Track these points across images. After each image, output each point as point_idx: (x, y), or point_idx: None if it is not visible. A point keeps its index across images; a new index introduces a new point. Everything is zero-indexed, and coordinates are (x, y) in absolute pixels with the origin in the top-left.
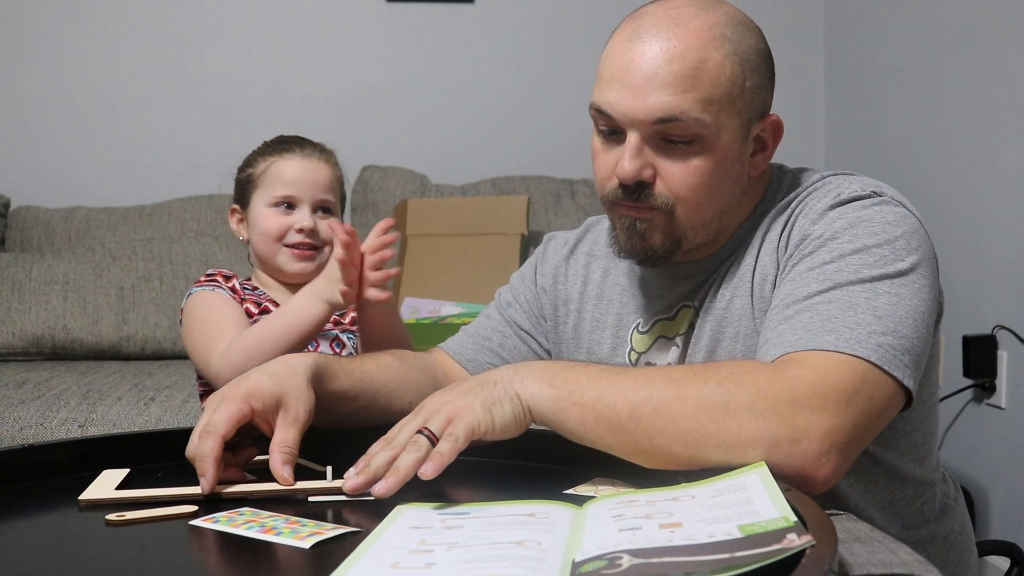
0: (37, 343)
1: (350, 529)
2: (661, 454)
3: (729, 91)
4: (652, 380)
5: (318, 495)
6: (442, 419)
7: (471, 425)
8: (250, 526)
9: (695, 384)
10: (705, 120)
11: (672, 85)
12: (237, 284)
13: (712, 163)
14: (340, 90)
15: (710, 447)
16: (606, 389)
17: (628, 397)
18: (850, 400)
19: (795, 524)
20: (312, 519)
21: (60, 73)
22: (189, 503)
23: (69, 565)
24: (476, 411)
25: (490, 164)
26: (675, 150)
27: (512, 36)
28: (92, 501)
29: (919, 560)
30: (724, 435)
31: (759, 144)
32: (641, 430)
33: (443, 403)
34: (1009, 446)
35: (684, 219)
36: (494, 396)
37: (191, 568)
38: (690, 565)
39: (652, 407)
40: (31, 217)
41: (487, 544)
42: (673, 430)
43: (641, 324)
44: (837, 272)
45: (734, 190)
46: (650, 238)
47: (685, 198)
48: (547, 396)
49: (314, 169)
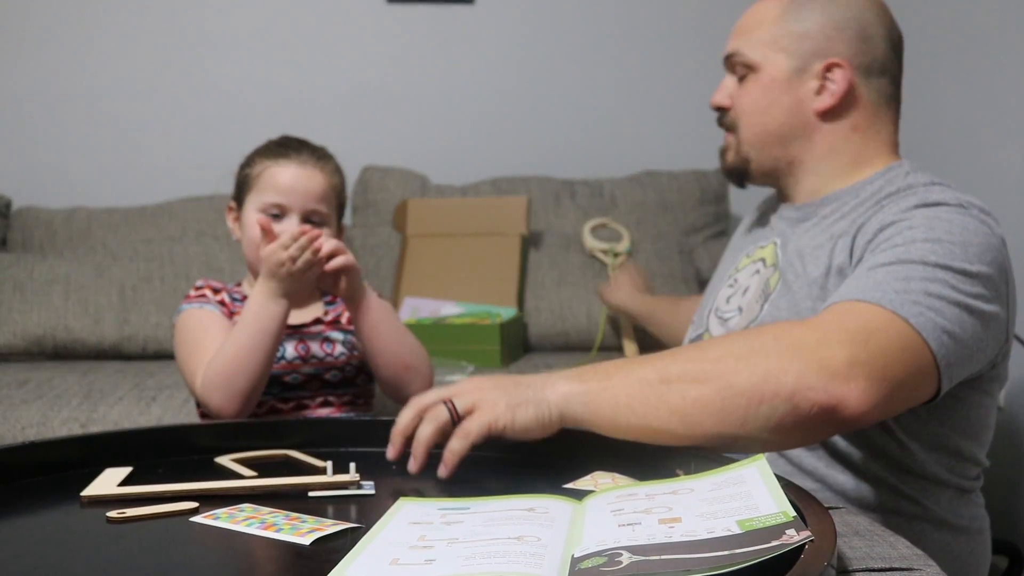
0: (39, 343)
1: (350, 525)
2: (695, 407)
3: (772, 32)
4: (675, 352)
5: (319, 490)
6: (467, 402)
7: (488, 421)
8: (250, 522)
9: (720, 341)
10: (750, 55)
11: (738, 31)
12: (227, 297)
13: (759, 88)
14: (340, 90)
15: (742, 389)
16: (633, 368)
17: (655, 366)
18: (879, 339)
19: (794, 519)
20: (312, 515)
21: (60, 73)
22: (190, 500)
23: (70, 562)
24: (499, 408)
25: (490, 164)
26: (738, 81)
27: (512, 36)
28: (94, 497)
29: (918, 554)
30: (752, 373)
31: (823, 84)
32: (672, 390)
33: (474, 389)
34: (1009, 446)
35: (743, 138)
36: (521, 398)
37: (192, 564)
38: (689, 562)
39: (679, 365)
40: (32, 217)
41: (487, 540)
42: (704, 380)
43: (750, 250)
44: (904, 252)
45: (788, 119)
46: (727, 157)
47: (740, 116)
48: (577, 391)
49: (308, 178)
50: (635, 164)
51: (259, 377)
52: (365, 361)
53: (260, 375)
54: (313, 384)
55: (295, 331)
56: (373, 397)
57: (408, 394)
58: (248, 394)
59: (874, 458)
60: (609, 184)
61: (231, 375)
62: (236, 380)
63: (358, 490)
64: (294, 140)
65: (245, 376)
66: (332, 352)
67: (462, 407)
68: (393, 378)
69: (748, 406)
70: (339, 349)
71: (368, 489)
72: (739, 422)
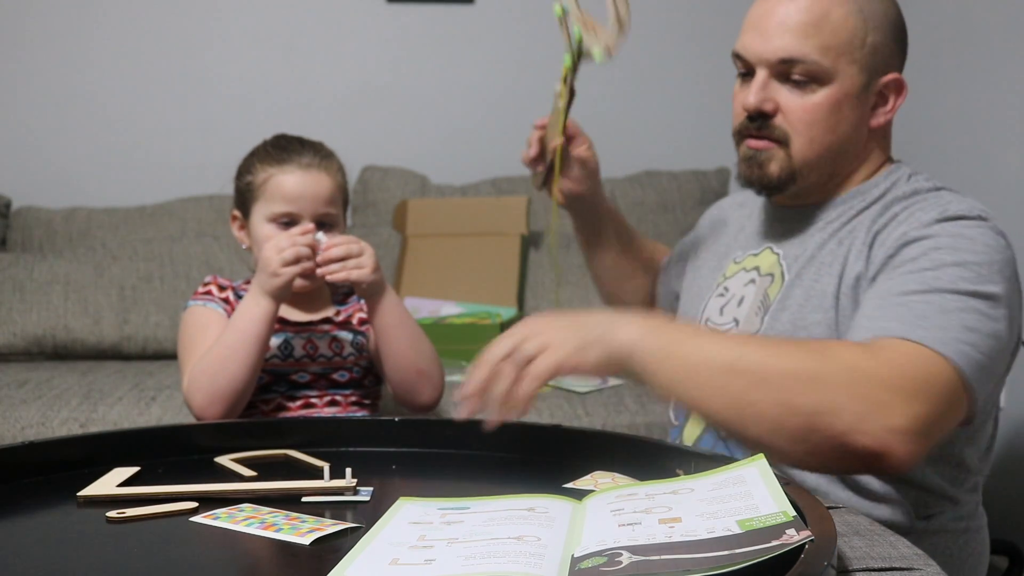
0: (38, 343)
1: (350, 525)
2: (751, 412)
3: (849, 41)
4: (747, 342)
5: (312, 495)
6: (536, 344)
7: (559, 361)
8: (250, 522)
9: (790, 351)
10: (823, 63)
11: (796, 31)
12: (232, 295)
13: (828, 102)
14: (340, 90)
15: (800, 410)
16: (704, 344)
17: (725, 353)
18: (935, 393)
19: (794, 519)
20: (312, 515)
21: (60, 73)
22: (189, 500)
23: (70, 562)
24: (568, 348)
25: (490, 164)
26: (797, 88)
27: (512, 36)
28: (90, 497)
29: (918, 554)
30: (815, 402)
31: (881, 99)
32: (735, 384)
33: (542, 329)
34: (1008, 446)
35: (799, 152)
36: (591, 337)
37: (191, 564)
38: (689, 562)
39: (748, 364)
40: (32, 217)
41: (486, 540)
42: (767, 388)
43: (738, 256)
44: (935, 279)
45: (851, 135)
46: (767, 168)
47: (800, 131)
48: (645, 346)
49: (315, 183)
50: (635, 164)
51: (243, 380)
52: (373, 362)
53: (244, 378)
54: (320, 383)
55: (304, 328)
56: (380, 399)
57: (419, 400)
58: (230, 397)
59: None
60: (609, 184)
61: (214, 375)
62: (218, 381)
63: (353, 496)
64: (292, 141)
65: (227, 377)
66: (340, 352)
67: (533, 349)
68: (405, 382)
69: (800, 428)
70: (348, 349)
71: (364, 496)
72: (787, 440)
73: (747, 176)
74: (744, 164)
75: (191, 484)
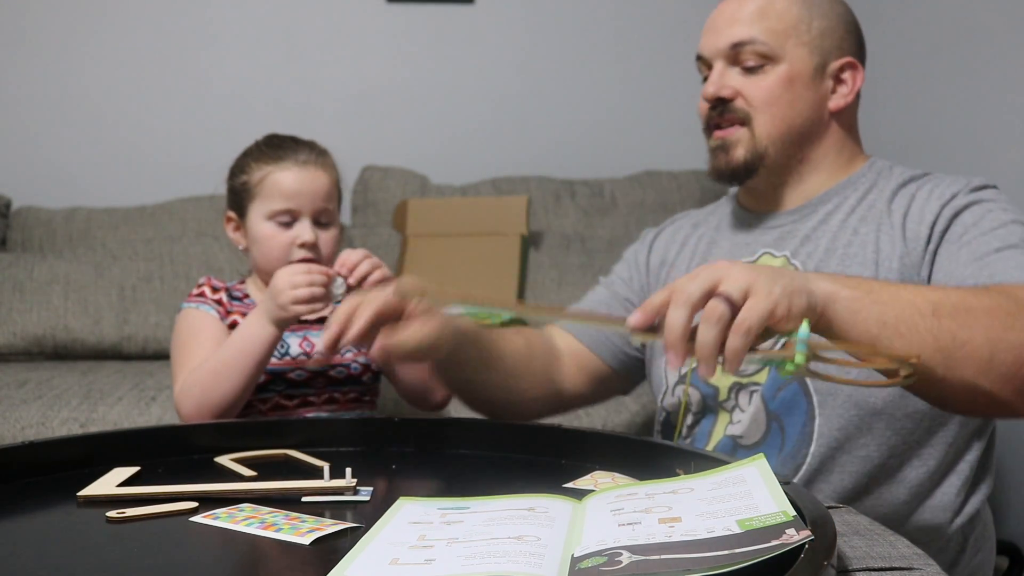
0: (38, 343)
1: (350, 525)
2: (963, 352)
3: (795, 26)
4: (938, 288)
5: (312, 495)
6: (740, 288)
7: (768, 309)
8: (250, 522)
9: (983, 293)
10: (771, 44)
11: (744, 20)
12: (225, 296)
13: (781, 80)
14: (340, 90)
15: (1012, 344)
16: (901, 291)
17: (926, 297)
18: None
19: (794, 519)
20: (312, 515)
21: (60, 73)
22: (189, 500)
23: (70, 562)
24: (775, 294)
25: (490, 164)
26: (752, 72)
27: (512, 36)
28: (90, 497)
29: (918, 553)
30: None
31: (838, 82)
32: (943, 325)
33: (740, 271)
34: (1008, 446)
35: (761, 129)
36: (794, 285)
37: (192, 564)
38: (689, 562)
39: (952, 304)
40: (32, 217)
41: (486, 540)
42: (974, 324)
43: None
44: (1009, 235)
45: (810, 114)
46: (733, 152)
47: (760, 109)
48: (845, 295)
49: (312, 179)
50: (635, 164)
51: (234, 397)
52: (370, 359)
53: (236, 396)
54: (318, 381)
55: (300, 326)
56: (378, 395)
57: (432, 401)
58: (220, 412)
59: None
60: (609, 184)
61: (206, 388)
62: (210, 394)
63: (353, 495)
64: (286, 139)
65: (219, 392)
66: (353, 359)
67: (738, 293)
68: (418, 383)
69: (1014, 364)
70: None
71: (364, 495)
72: (997, 378)
73: (716, 167)
74: (712, 155)
75: (191, 484)
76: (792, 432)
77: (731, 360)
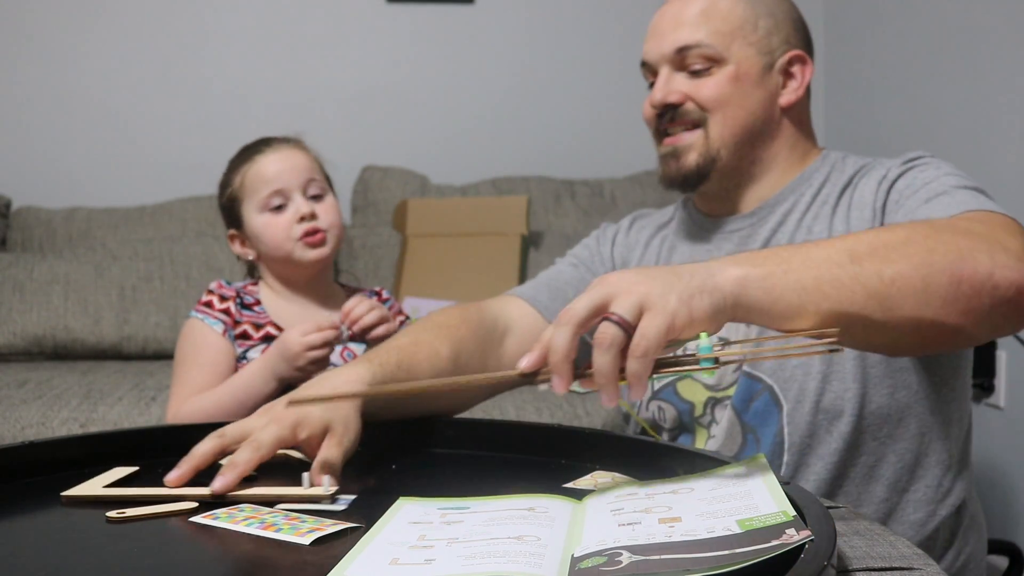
0: (38, 343)
1: (350, 525)
2: (895, 287)
3: (740, 27)
4: (847, 236)
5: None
6: (633, 304)
7: (666, 324)
8: (250, 522)
9: (896, 227)
10: (716, 46)
11: (688, 23)
12: (234, 306)
13: (729, 80)
14: (340, 90)
15: (942, 266)
16: (812, 249)
17: (839, 247)
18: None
19: (794, 519)
20: (312, 515)
21: (60, 73)
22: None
23: (70, 562)
24: (671, 303)
25: (490, 164)
26: (700, 75)
27: (512, 36)
28: (74, 497)
29: (918, 554)
30: (950, 251)
31: (788, 77)
32: (865, 268)
33: (632, 284)
34: (1008, 446)
35: (715, 132)
36: (692, 287)
37: (192, 564)
38: (689, 562)
39: (868, 244)
40: (32, 217)
41: (486, 539)
42: (896, 257)
43: None
44: (942, 184)
45: (761, 113)
46: (685, 158)
47: (713, 109)
48: (756, 275)
49: (290, 157)
50: (635, 164)
51: None
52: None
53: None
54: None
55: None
56: None
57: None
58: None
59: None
60: (609, 184)
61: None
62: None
63: (331, 504)
64: (257, 141)
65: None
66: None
67: (629, 312)
68: None
69: (950, 284)
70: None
71: (341, 504)
72: (940, 303)
73: (667, 174)
74: (662, 163)
75: (186, 486)
76: (766, 441)
77: (634, 385)
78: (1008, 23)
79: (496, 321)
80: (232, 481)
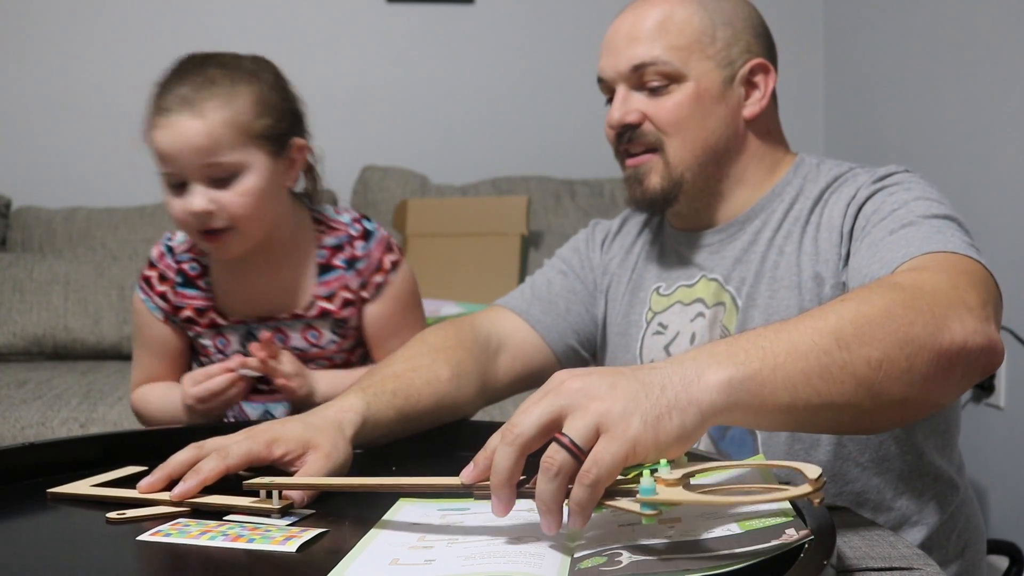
0: (38, 343)
1: (322, 530)
2: (883, 373)
3: (698, 40)
4: (825, 311)
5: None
6: (587, 426)
7: (624, 452)
8: (213, 536)
9: (872, 293)
10: (674, 63)
11: (643, 38)
12: (171, 291)
13: (688, 99)
14: (340, 90)
15: (921, 341)
16: (795, 335)
17: (822, 328)
18: (976, 277)
19: (794, 519)
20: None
21: (60, 73)
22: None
23: (70, 562)
24: (633, 427)
25: (490, 164)
26: (657, 94)
27: (512, 36)
28: (58, 495)
29: (918, 554)
30: (927, 323)
31: (751, 87)
32: (854, 354)
33: (590, 399)
34: (1008, 446)
35: (675, 154)
36: (661, 405)
37: (192, 566)
38: (689, 562)
39: (851, 324)
40: (32, 217)
41: (486, 540)
42: (881, 336)
43: (663, 287)
44: (907, 213)
45: (723, 130)
46: (648, 181)
47: (670, 132)
48: (741, 377)
49: (182, 133)
50: None
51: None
52: (358, 344)
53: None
54: None
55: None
56: None
57: None
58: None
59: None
60: (609, 184)
61: (148, 420)
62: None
63: (279, 519)
64: (178, 70)
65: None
66: (319, 342)
67: (583, 436)
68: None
69: (930, 361)
70: (327, 337)
71: (287, 520)
72: (923, 380)
73: (632, 197)
74: (627, 185)
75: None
76: None
77: (575, 514)
78: (1008, 23)
79: (489, 338)
80: (192, 488)
